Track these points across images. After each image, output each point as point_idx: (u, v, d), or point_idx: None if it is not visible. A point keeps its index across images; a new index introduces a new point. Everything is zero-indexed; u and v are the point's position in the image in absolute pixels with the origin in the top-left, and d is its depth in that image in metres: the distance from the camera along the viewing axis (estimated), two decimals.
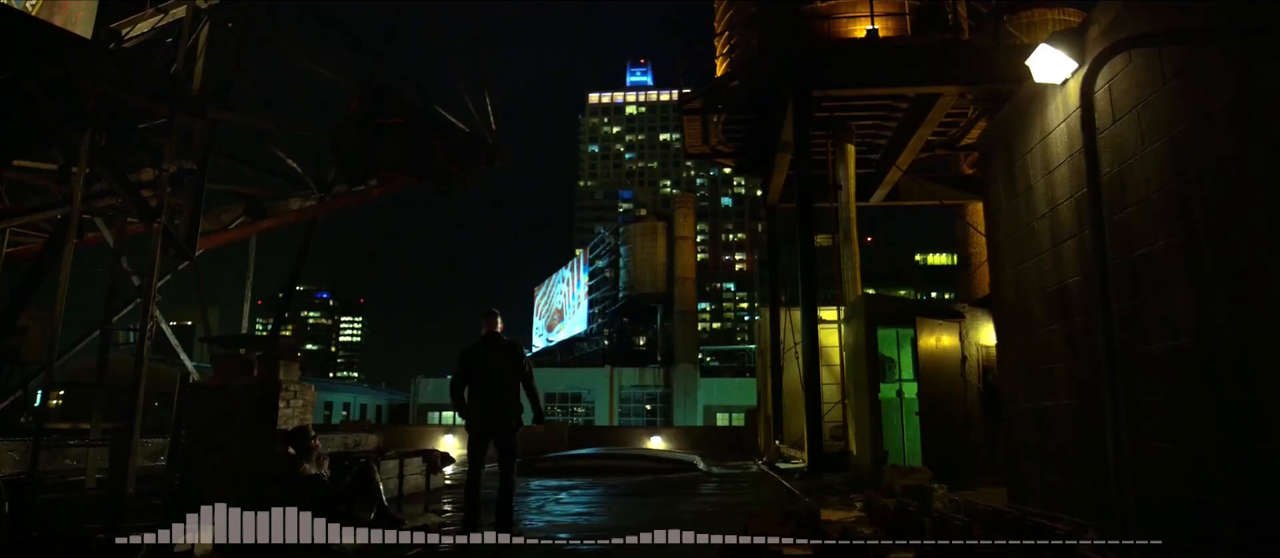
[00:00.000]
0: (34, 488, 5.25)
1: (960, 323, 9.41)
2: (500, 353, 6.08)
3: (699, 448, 19.25)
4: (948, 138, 15.98)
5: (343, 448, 10.63)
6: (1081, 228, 4.90)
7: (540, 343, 69.86)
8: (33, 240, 9.07)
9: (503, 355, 6.07)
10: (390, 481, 8.51)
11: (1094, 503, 4.58)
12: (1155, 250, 4.17)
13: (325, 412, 48.33)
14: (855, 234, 14.47)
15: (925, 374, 9.18)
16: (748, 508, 8.06)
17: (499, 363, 6.04)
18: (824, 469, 11.00)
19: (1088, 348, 4.83)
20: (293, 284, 9.44)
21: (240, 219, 8.37)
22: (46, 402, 6.32)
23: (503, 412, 5.97)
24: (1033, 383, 5.77)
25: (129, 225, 6.49)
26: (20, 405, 6.44)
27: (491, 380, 6.00)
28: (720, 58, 16.45)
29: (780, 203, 17.89)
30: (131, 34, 7.37)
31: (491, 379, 6.01)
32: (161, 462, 7.14)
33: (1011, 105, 6.27)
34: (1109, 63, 4.47)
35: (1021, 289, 6.00)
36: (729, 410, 42.60)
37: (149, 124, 6.41)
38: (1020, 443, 5.98)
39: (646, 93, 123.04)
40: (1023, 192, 5.95)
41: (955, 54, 12.64)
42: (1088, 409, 4.79)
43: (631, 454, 16.13)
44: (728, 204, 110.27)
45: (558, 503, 8.88)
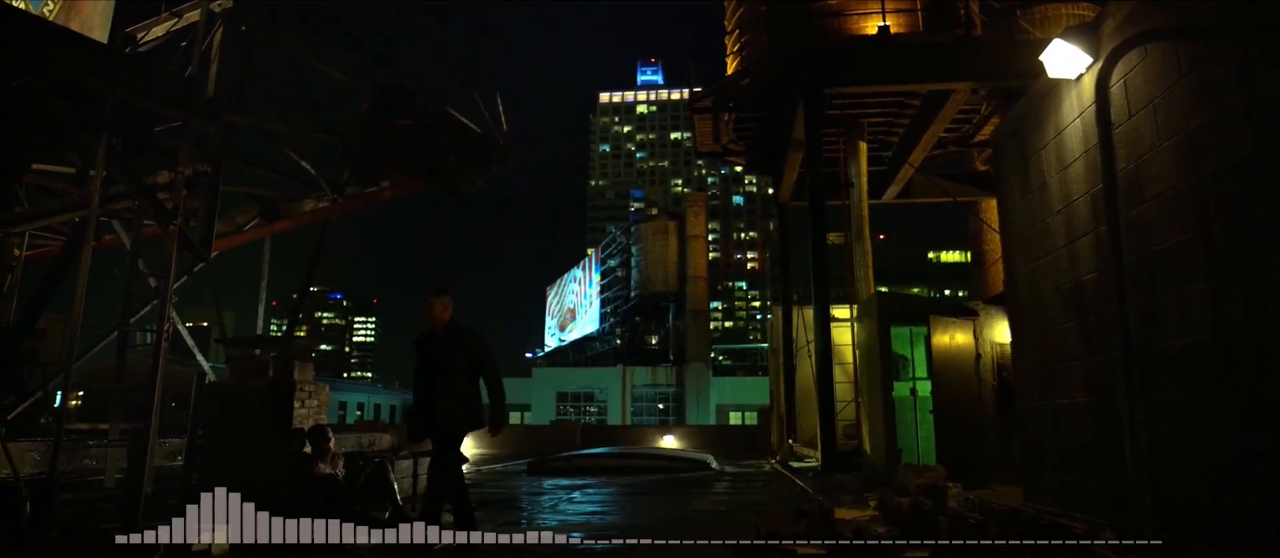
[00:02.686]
0: (54, 488, 5.32)
1: (974, 321, 9.35)
2: (461, 347, 5.14)
3: (712, 447, 19.23)
4: (960, 135, 15.89)
5: (357, 448, 10.69)
6: (1097, 224, 4.86)
7: (552, 342, 69.95)
8: (51, 243, 9.18)
9: (464, 350, 5.13)
10: (405, 480, 8.55)
11: (1111, 502, 4.54)
12: (1172, 247, 4.13)
13: (340, 412, 48.63)
14: (867, 232, 14.41)
15: (939, 372, 9.13)
16: (761, 507, 8.04)
17: (457, 358, 5.10)
18: (837, 468, 10.96)
19: (1104, 345, 4.78)
20: (307, 285, 9.52)
21: (255, 221, 8.45)
22: (66, 403, 6.39)
23: (464, 417, 5.11)
24: (1048, 381, 5.72)
25: (145, 228, 6.56)
26: (40, 406, 6.51)
27: (449, 379, 5.07)
28: (731, 56, 16.42)
29: (792, 201, 17.85)
30: (146, 38, 7.44)
31: (451, 378, 5.08)
32: (179, 462, 7.20)
33: (1025, 101, 6.23)
34: (1124, 57, 4.42)
35: (1036, 286, 5.96)
36: (742, 409, 42.56)
37: (164, 127, 6.47)
38: (1036, 441, 5.93)
39: (657, 92, 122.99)
40: (1037, 188, 5.90)
41: (967, 50, 12.57)
42: (1104, 407, 4.75)
43: (644, 453, 16.13)
44: (739, 203, 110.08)
45: (571, 502, 8.89)
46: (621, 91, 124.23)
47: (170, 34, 7.27)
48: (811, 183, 12.64)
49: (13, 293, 7.30)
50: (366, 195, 8.56)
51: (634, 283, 53.22)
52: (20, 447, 5.89)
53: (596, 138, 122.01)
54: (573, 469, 13.46)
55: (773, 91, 14.46)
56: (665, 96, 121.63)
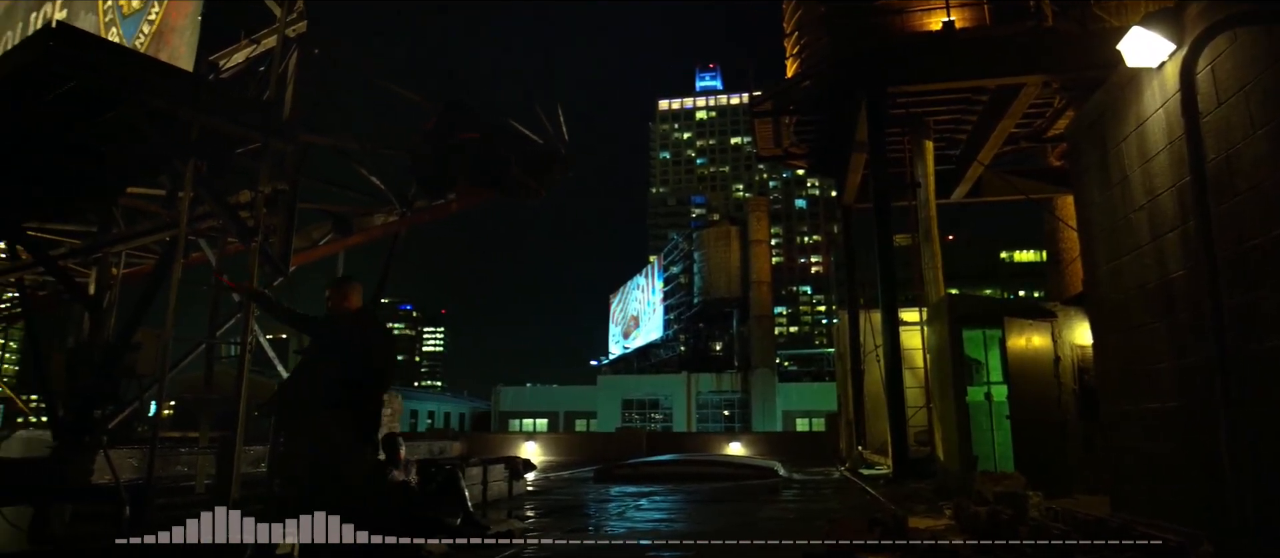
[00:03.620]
0: (151, 492, 5.62)
1: (1052, 322, 9.00)
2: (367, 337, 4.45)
3: (779, 454, 19.01)
4: (1032, 129, 15.34)
5: (428, 455, 10.96)
6: (1185, 219, 4.62)
7: (617, 350, 70.38)
8: (145, 262, 9.72)
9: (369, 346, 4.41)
10: (474, 487, 8.73)
11: (1206, 512, 4.29)
12: (1269, 241, 3.89)
13: (411, 420, 49.93)
14: (936, 233, 14.04)
15: (1015, 376, 8.81)
16: (831, 515, 7.90)
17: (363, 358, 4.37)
18: (909, 476, 10.69)
19: (1195, 347, 4.54)
20: (378, 297, 9.80)
21: (329, 236, 8.75)
22: (160, 412, 6.74)
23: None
24: (1134, 384, 5.46)
25: (229, 245, 6.87)
26: (137, 416, 6.89)
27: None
28: (790, 58, 16.25)
29: (856, 203, 17.52)
30: (228, 65, 7.82)
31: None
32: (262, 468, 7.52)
33: (1102, 92, 5.98)
34: (1212, 42, 4.21)
35: (1119, 285, 5.70)
36: (809, 416, 41.90)
37: (245, 149, 6.78)
38: (1122, 448, 5.66)
39: (716, 97, 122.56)
40: (1118, 182, 5.65)
41: (1038, 42, 12.13)
42: (1197, 412, 4.50)
43: (710, 460, 16.05)
44: (802, 206, 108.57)
45: (638, 509, 8.91)
46: (680, 98, 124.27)
47: (249, 60, 7.62)
48: (876, 184, 12.39)
49: (111, 309, 7.75)
50: (434, 209, 8.76)
51: (697, 289, 53.15)
52: (120, 454, 6.26)
53: (656, 145, 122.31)
54: (639, 476, 13.49)
55: (834, 93, 14.24)
56: (724, 102, 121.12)
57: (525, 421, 48.60)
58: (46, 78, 5.51)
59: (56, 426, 6.60)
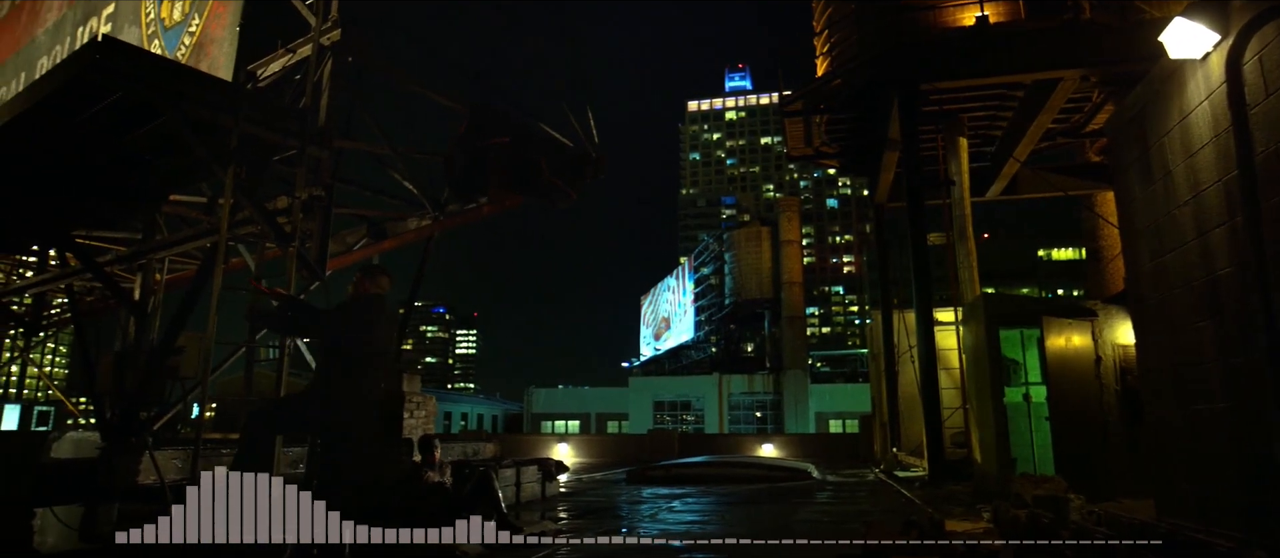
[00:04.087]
0: None
1: (1093, 322, 8.81)
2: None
3: (812, 456, 18.84)
4: (1070, 125, 15.03)
5: (462, 456, 11.06)
6: (1232, 214, 4.48)
7: (648, 351, 70.37)
8: (187, 267, 9.97)
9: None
10: (508, 488, 8.79)
11: (1256, 517, 4.16)
12: None
13: (444, 422, 50.41)
14: (970, 231, 13.80)
15: (1054, 377, 8.63)
16: (866, 517, 7.81)
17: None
18: (946, 478, 10.54)
19: (1244, 346, 4.40)
20: (411, 300, 9.92)
21: (363, 240, 8.88)
22: (202, 414, 6.91)
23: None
24: (1179, 385, 5.31)
25: (267, 250, 7.02)
26: (180, 418, 7.07)
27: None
28: (820, 57, 16.12)
29: (889, 202, 17.32)
30: (265, 74, 7.99)
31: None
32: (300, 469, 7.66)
33: (1144, 85, 5.83)
34: (1259, 31, 4.08)
35: (1163, 283, 5.55)
36: (842, 417, 41.49)
37: (281, 156, 6.92)
38: (1167, 450, 5.51)
39: (746, 97, 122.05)
40: (1160, 177, 5.51)
41: (1076, 35, 11.89)
42: (1247, 413, 4.37)
43: (743, 462, 15.97)
44: (833, 206, 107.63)
45: (671, 511, 8.90)
46: (710, 99, 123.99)
47: (285, 69, 7.78)
48: (909, 183, 12.24)
49: (155, 314, 7.97)
50: (466, 213, 8.85)
51: (728, 290, 52.95)
52: (165, 455, 6.41)
53: (686, 146, 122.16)
54: (671, 478, 13.47)
55: (865, 91, 14.10)
56: (754, 101, 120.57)
57: (557, 422, 48.83)
58: (93, 90, 5.68)
59: (104, 427, 6.79)
